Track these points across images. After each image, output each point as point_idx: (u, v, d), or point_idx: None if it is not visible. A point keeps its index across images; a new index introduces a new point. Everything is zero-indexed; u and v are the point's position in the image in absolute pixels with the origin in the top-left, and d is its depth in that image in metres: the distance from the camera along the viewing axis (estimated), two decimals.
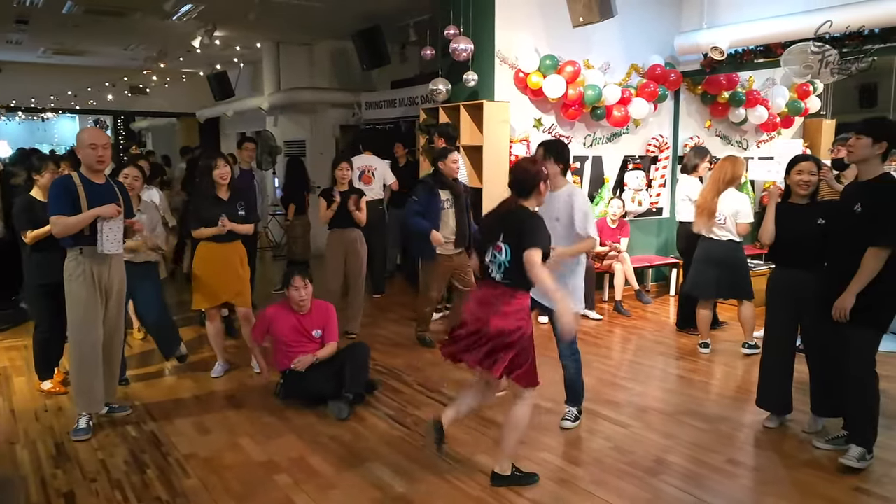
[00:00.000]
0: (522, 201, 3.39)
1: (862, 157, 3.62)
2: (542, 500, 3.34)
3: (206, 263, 4.98)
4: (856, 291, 3.52)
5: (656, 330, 6.60)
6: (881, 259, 3.49)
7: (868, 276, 3.51)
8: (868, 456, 3.65)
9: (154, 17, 9.31)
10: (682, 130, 8.17)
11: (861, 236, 3.54)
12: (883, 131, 3.56)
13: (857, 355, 3.64)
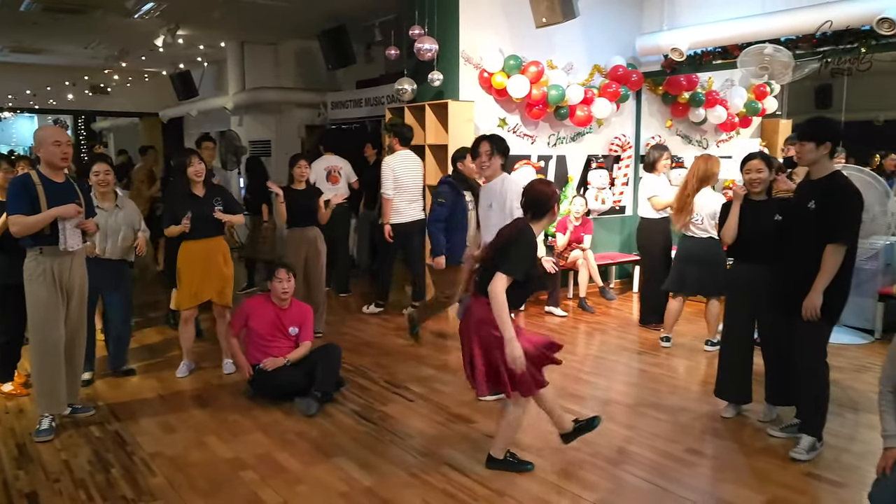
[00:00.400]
0: (534, 223, 3.45)
1: (810, 161, 3.75)
2: (507, 490, 3.40)
3: (190, 262, 4.98)
4: (821, 289, 3.62)
5: (620, 326, 6.73)
6: (840, 255, 3.61)
7: (831, 273, 3.61)
8: (818, 444, 3.79)
9: (115, 15, 9.19)
10: (643, 130, 8.32)
11: (815, 233, 3.67)
12: (823, 132, 3.68)
13: (809, 346, 3.77)
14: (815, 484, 3.48)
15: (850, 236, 3.64)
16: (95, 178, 4.81)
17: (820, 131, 3.70)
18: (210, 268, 5.02)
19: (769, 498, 3.32)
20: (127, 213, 4.99)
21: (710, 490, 3.42)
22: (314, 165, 7.29)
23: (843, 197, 3.66)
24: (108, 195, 4.88)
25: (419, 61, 7.01)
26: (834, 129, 3.75)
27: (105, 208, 4.79)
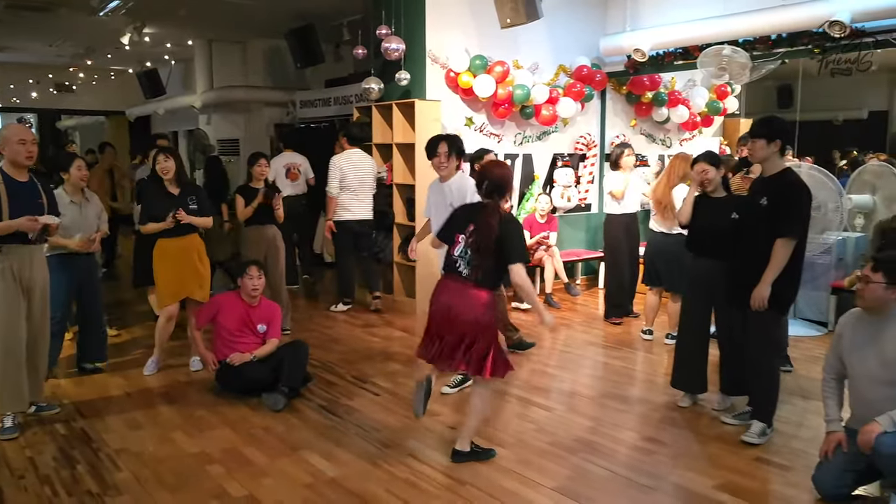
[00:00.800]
0: (499, 203, 3.56)
1: (762, 158, 3.90)
2: (468, 479, 3.49)
3: (166, 260, 5.00)
4: (770, 281, 3.76)
5: (585, 321, 6.86)
6: (789, 248, 3.75)
7: (779, 266, 3.75)
8: (768, 430, 3.94)
9: (80, 13, 9.10)
10: (608, 129, 8.48)
11: (767, 228, 3.81)
12: (773, 130, 3.83)
13: (759, 336, 3.92)
14: (765, 468, 3.62)
15: (799, 231, 3.78)
16: (79, 172, 4.85)
17: (770, 129, 3.84)
18: (187, 265, 5.04)
19: (721, 482, 3.46)
20: (94, 206, 5.03)
21: (665, 476, 3.55)
22: (273, 162, 7.44)
23: (792, 193, 3.81)
24: (79, 189, 4.91)
25: (386, 61, 7.07)
26: (783, 127, 3.90)
27: (77, 202, 4.84)
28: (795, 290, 3.97)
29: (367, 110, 7.43)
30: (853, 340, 3.34)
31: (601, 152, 8.44)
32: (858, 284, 3.28)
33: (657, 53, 7.54)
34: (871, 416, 3.11)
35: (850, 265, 6.46)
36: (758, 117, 4.30)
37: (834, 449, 3.28)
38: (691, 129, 9.04)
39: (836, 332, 3.49)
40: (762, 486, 3.44)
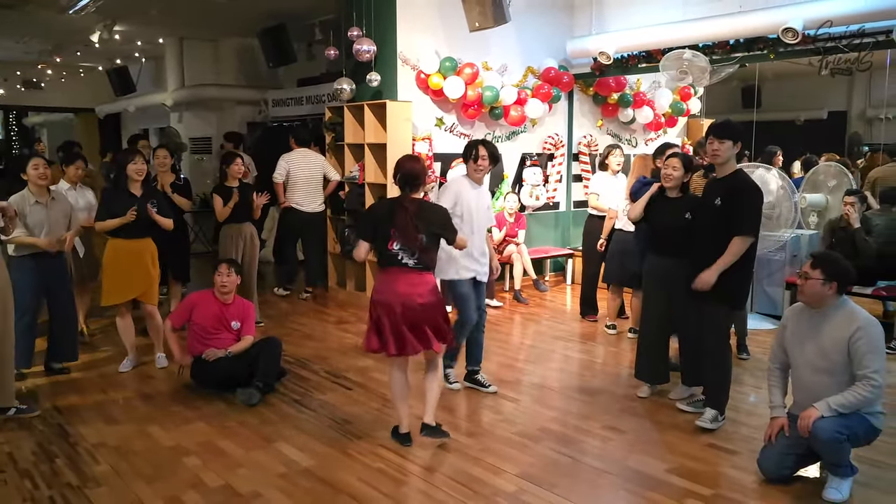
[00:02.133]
0: (409, 195, 3.82)
1: (726, 158, 4.07)
2: (437, 467, 3.67)
3: (117, 260, 5.06)
4: (719, 270, 3.95)
5: (553, 316, 7.07)
6: (745, 245, 3.96)
7: (732, 258, 3.95)
8: (720, 418, 4.17)
9: (50, 10, 9.07)
10: (575, 129, 8.70)
11: (721, 227, 4.02)
12: (737, 132, 4.06)
13: (712, 329, 4.14)
14: (715, 453, 3.85)
15: (755, 229, 4.00)
16: (35, 171, 4.83)
17: (734, 132, 4.06)
18: (138, 267, 5.10)
19: (674, 466, 3.67)
20: (61, 205, 5.07)
21: (621, 461, 3.76)
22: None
23: (746, 193, 4.02)
24: (44, 189, 4.93)
25: (358, 62, 7.20)
26: (741, 129, 4.13)
27: (42, 202, 4.87)
28: (747, 287, 4.20)
29: (339, 110, 7.56)
30: (795, 332, 3.56)
31: (569, 152, 8.67)
32: (799, 280, 3.51)
33: (622, 56, 7.77)
34: (811, 402, 3.35)
35: (803, 261, 6.71)
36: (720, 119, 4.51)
37: (777, 433, 3.51)
38: (656, 129, 9.29)
39: (780, 323, 3.72)
40: (712, 469, 3.66)
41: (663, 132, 9.49)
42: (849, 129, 14.13)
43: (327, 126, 7.77)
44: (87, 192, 5.88)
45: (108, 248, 5.10)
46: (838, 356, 3.33)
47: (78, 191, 5.75)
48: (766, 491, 3.41)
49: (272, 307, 7.17)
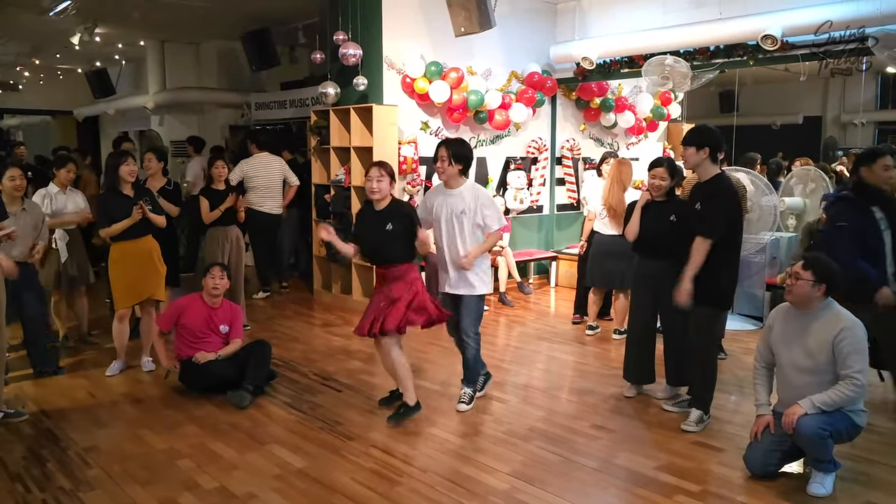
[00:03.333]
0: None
1: (693, 164, 4.18)
2: (429, 466, 3.71)
3: (125, 262, 5.07)
4: (689, 278, 4.04)
5: (537, 318, 7.14)
6: (704, 247, 4.00)
7: (695, 264, 4.01)
8: (705, 417, 4.26)
9: (30, 12, 8.99)
10: (559, 133, 8.80)
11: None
12: (702, 138, 4.12)
13: (699, 331, 4.23)
14: (701, 450, 3.93)
15: (714, 231, 4.01)
16: (11, 183, 4.85)
17: (698, 137, 4.13)
18: (147, 266, 5.15)
19: (662, 463, 3.75)
20: (32, 217, 5.01)
21: (609, 458, 3.83)
22: (190, 165, 8.70)
23: (717, 196, 4.09)
24: (18, 199, 4.90)
25: (343, 65, 7.23)
26: (712, 135, 4.17)
27: (13, 212, 4.78)
28: (730, 289, 4.26)
29: (325, 114, 7.57)
30: (782, 332, 3.65)
31: (552, 156, 8.76)
32: (788, 280, 3.59)
33: (604, 61, 7.88)
34: (796, 400, 3.44)
35: (783, 263, 6.89)
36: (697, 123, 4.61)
37: (763, 430, 3.60)
38: (637, 133, 9.42)
39: (766, 323, 3.81)
40: (699, 466, 3.74)
41: (644, 136, 9.62)
42: (824, 133, 14.43)
43: (313, 129, 7.78)
44: (77, 196, 5.86)
45: (114, 252, 5.09)
46: (823, 356, 3.43)
47: (68, 194, 5.73)
48: (753, 486, 3.50)
49: (257, 311, 7.17)
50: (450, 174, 4.37)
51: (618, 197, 6.03)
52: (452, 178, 4.39)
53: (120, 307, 5.21)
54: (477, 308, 4.52)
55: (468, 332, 4.51)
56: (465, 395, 4.58)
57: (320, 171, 7.83)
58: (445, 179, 4.44)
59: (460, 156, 4.35)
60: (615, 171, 6.17)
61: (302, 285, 8.50)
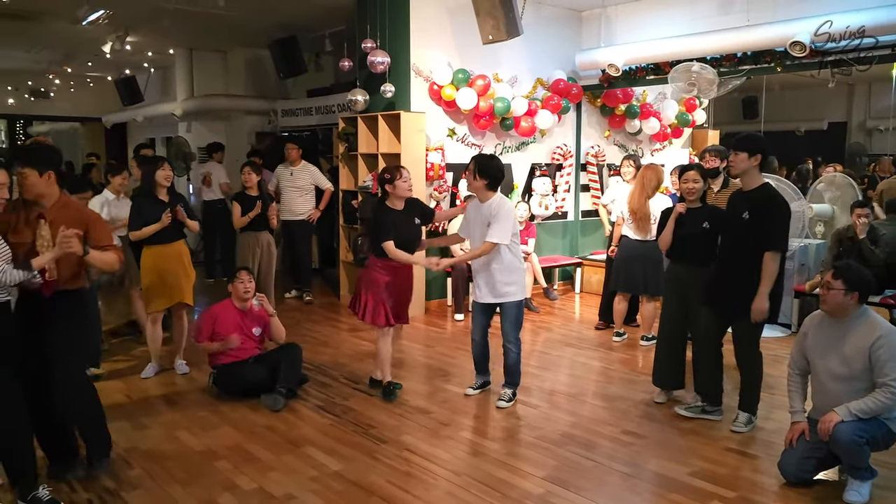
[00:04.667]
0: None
1: (741, 171, 4.15)
2: (463, 470, 3.75)
3: (156, 266, 5.17)
4: (766, 293, 4.04)
5: (563, 324, 7.16)
6: (777, 261, 4.05)
7: (771, 278, 4.04)
8: (753, 419, 4.31)
9: (62, 21, 9.19)
10: (583, 140, 8.83)
11: (749, 241, 4.10)
12: (755, 144, 4.11)
13: (746, 340, 4.24)
14: (735, 457, 3.94)
15: (784, 244, 4.09)
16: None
17: (751, 143, 4.12)
18: (179, 270, 5.25)
19: (696, 469, 3.76)
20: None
21: (642, 464, 3.84)
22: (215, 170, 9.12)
23: (774, 208, 4.09)
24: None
25: (371, 73, 7.31)
26: (763, 143, 4.18)
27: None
28: (779, 299, 4.26)
29: (353, 121, 7.66)
30: (816, 340, 3.65)
31: (577, 162, 8.79)
32: (821, 290, 3.60)
33: (630, 68, 7.89)
34: (831, 407, 3.44)
35: (811, 270, 6.86)
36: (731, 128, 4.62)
37: (798, 437, 3.60)
38: (662, 139, 9.42)
39: (801, 331, 3.81)
40: (733, 472, 3.74)
41: (669, 142, 9.62)
42: (849, 139, 14.31)
43: (341, 136, 7.88)
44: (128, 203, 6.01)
45: (146, 257, 5.20)
46: (859, 364, 3.43)
47: (122, 200, 5.85)
48: (788, 493, 3.50)
49: (285, 315, 7.19)
50: (475, 187, 4.59)
51: (640, 202, 6.04)
52: (479, 191, 4.60)
53: (152, 310, 5.32)
54: (517, 314, 4.69)
55: (509, 338, 4.70)
56: (504, 395, 4.78)
57: (348, 177, 7.91)
58: (473, 192, 4.69)
59: (485, 171, 4.52)
60: (641, 176, 6.19)
61: (328, 290, 8.58)
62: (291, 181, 7.80)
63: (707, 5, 7.49)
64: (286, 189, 7.83)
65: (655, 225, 6.04)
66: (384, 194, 4.76)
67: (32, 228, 3.44)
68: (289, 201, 7.81)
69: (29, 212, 3.48)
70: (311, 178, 7.84)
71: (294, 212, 7.83)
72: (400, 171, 4.71)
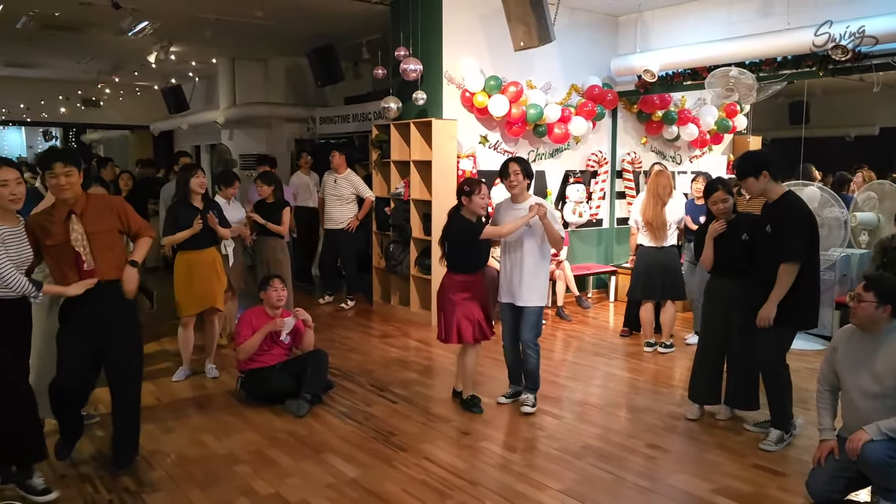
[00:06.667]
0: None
1: (758, 193, 4.16)
2: (480, 481, 3.72)
3: (190, 272, 5.29)
4: (775, 302, 4.01)
5: (595, 333, 7.06)
6: (792, 272, 3.97)
7: (783, 289, 3.99)
8: (786, 437, 4.18)
9: (109, 32, 9.48)
10: (619, 146, 8.71)
11: (772, 252, 4.05)
12: (753, 165, 4.09)
13: (772, 350, 4.13)
14: (761, 474, 3.81)
15: (799, 255, 3.98)
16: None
17: (749, 166, 4.12)
18: (211, 276, 5.35)
19: (719, 486, 3.66)
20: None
21: (664, 479, 3.75)
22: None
23: (790, 218, 4.02)
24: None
25: (404, 80, 7.35)
26: (760, 158, 4.17)
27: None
28: (805, 308, 4.13)
29: (386, 128, 7.71)
30: (847, 355, 3.52)
31: (612, 169, 8.67)
32: (852, 302, 3.47)
33: (667, 74, 7.77)
34: (861, 425, 3.30)
35: (854, 281, 6.61)
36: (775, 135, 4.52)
37: (826, 456, 3.47)
38: (701, 146, 9.23)
39: (830, 345, 3.67)
40: (758, 490, 3.63)
41: (708, 149, 9.42)
42: None
43: (374, 143, 7.93)
44: (240, 207, 6.43)
45: (178, 262, 5.32)
46: (891, 381, 3.29)
47: (233, 205, 6.23)
48: None
49: (316, 320, 7.27)
50: (522, 188, 4.68)
51: (654, 211, 6.06)
52: (524, 192, 4.70)
53: (184, 314, 5.42)
54: (536, 320, 4.73)
55: (529, 343, 4.73)
56: (528, 400, 4.80)
57: (380, 184, 7.96)
58: (517, 193, 4.72)
59: (530, 172, 4.71)
60: (652, 183, 6.22)
61: (360, 297, 8.63)
62: (334, 189, 7.87)
63: (745, 9, 7.33)
64: (328, 198, 7.94)
65: (672, 231, 6.05)
66: (459, 205, 4.68)
67: (64, 227, 3.58)
68: (330, 209, 7.90)
69: (58, 211, 3.61)
70: (353, 187, 7.88)
71: (335, 220, 7.90)
72: (480, 186, 4.66)
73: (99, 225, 3.67)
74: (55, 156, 3.63)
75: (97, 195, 4.00)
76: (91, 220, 3.64)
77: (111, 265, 3.68)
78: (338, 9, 8.10)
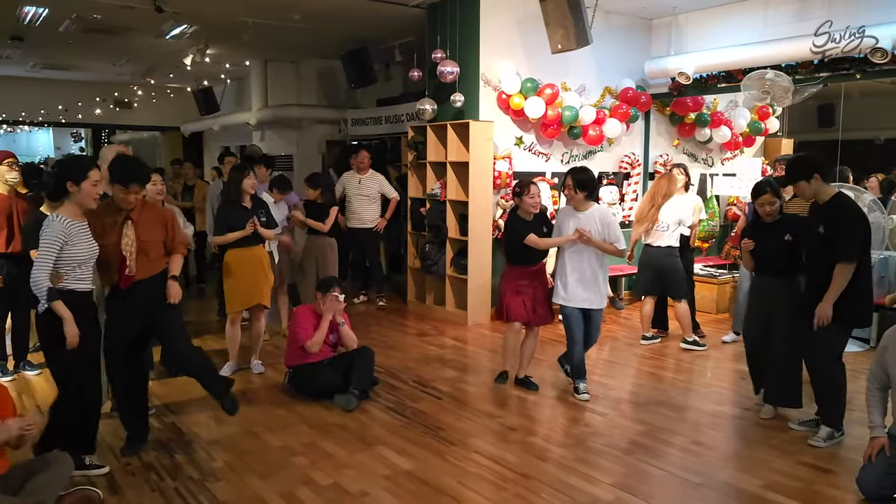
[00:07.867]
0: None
1: (811, 196, 4.23)
2: (532, 474, 3.80)
3: (239, 269, 5.41)
4: (832, 301, 4.06)
5: (629, 333, 7.11)
6: (849, 272, 4.03)
7: (839, 288, 4.04)
8: (836, 434, 4.23)
9: (147, 35, 9.67)
10: (652, 149, 8.75)
11: (825, 253, 4.11)
12: (806, 168, 4.16)
13: (824, 349, 4.18)
14: (809, 471, 3.86)
15: (855, 254, 4.04)
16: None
17: (802, 170, 4.19)
18: (258, 273, 5.47)
19: (769, 482, 3.71)
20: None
21: (713, 475, 3.81)
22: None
23: (845, 218, 4.08)
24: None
25: (440, 82, 7.45)
26: (811, 161, 4.23)
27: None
28: (857, 308, 4.17)
29: (422, 129, 7.81)
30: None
31: (645, 171, 8.71)
32: None
33: (701, 76, 7.81)
34: None
35: (892, 283, 6.62)
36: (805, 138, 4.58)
37: (877, 453, 3.51)
38: (733, 148, 9.25)
39: (881, 344, 3.71)
40: (808, 486, 3.68)
41: (740, 152, 9.44)
42: None
43: (410, 145, 8.04)
44: (284, 206, 6.63)
45: (228, 259, 5.44)
46: None
47: (279, 206, 6.48)
48: None
49: (353, 319, 7.40)
50: (577, 200, 4.96)
51: (647, 211, 6.36)
52: (580, 203, 4.96)
53: (231, 310, 5.55)
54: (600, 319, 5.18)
55: (592, 340, 5.20)
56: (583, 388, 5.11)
57: (416, 184, 8.06)
58: (574, 204, 5.02)
59: (583, 183, 4.93)
60: (655, 184, 6.48)
61: (395, 296, 8.74)
62: (359, 189, 7.94)
63: (782, 12, 7.35)
64: (354, 197, 7.94)
65: (667, 231, 6.31)
66: (517, 205, 5.07)
67: (119, 230, 3.81)
68: (357, 210, 7.97)
69: (115, 216, 3.84)
70: (379, 187, 7.99)
71: (363, 220, 7.98)
72: (530, 187, 4.95)
73: (150, 234, 3.92)
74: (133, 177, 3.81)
75: (151, 204, 4.22)
76: (144, 229, 3.90)
77: (145, 269, 3.91)
78: (374, 12, 8.22)
